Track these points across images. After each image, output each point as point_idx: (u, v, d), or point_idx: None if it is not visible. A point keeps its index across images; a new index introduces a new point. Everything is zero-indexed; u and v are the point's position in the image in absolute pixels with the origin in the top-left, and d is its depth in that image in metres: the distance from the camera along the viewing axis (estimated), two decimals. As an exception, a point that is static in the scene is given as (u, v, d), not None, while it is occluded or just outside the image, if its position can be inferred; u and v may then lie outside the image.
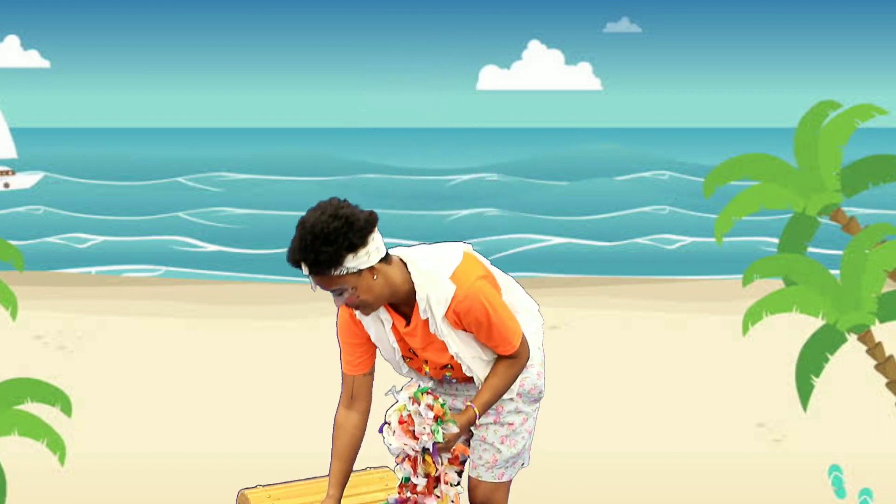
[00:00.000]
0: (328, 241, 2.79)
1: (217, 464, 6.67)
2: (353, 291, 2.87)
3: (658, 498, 6.25)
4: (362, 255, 2.83)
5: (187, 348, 10.37)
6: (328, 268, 2.82)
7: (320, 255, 2.80)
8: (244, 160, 51.30)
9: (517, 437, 3.19)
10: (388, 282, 2.90)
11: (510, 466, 3.22)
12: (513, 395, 3.16)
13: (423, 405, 2.93)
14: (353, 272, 2.84)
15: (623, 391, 8.68)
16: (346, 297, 2.88)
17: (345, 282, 2.85)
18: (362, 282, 2.86)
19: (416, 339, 3.02)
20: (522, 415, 3.18)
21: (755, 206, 6.00)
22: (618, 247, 25.83)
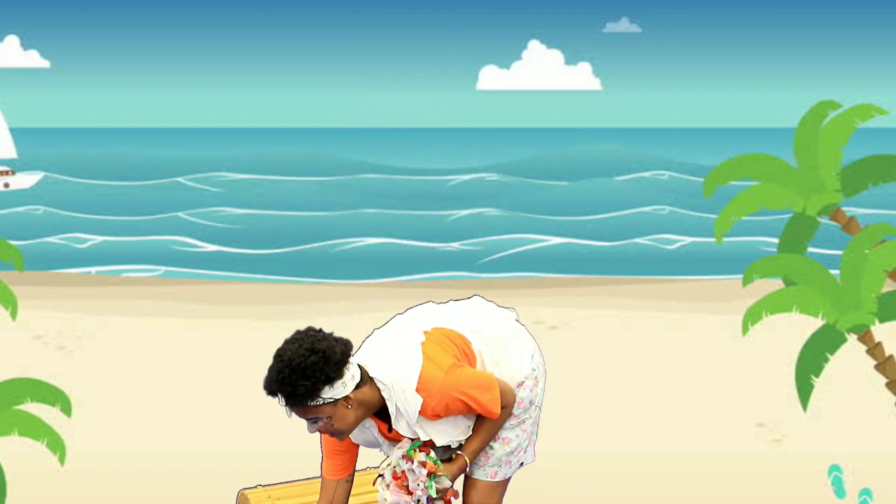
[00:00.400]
0: (305, 375, 2.90)
1: (217, 464, 6.66)
2: (327, 420, 2.98)
3: (658, 498, 6.25)
4: (338, 387, 2.94)
5: (187, 348, 10.37)
6: (305, 400, 2.93)
7: (297, 389, 2.91)
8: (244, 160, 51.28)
9: (510, 435, 3.19)
10: (363, 405, 3.02)
11: (504, 465, 3.21)
12: None
13: (416, 462, 3.01)
14: (329, 402, 2.95)
15: (623, 391, 8.68)
16: (321, 424, 2.99)
17: (320, 411, 2.96)
18: (337, 411, 2.97)
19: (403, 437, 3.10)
20: (517, 419, 3.18)
21: (755, 206, 6.01)
22: (618, 247, 25.82)
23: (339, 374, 2.94)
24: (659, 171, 45.36)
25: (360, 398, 2.99)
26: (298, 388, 2.90)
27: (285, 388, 2.91)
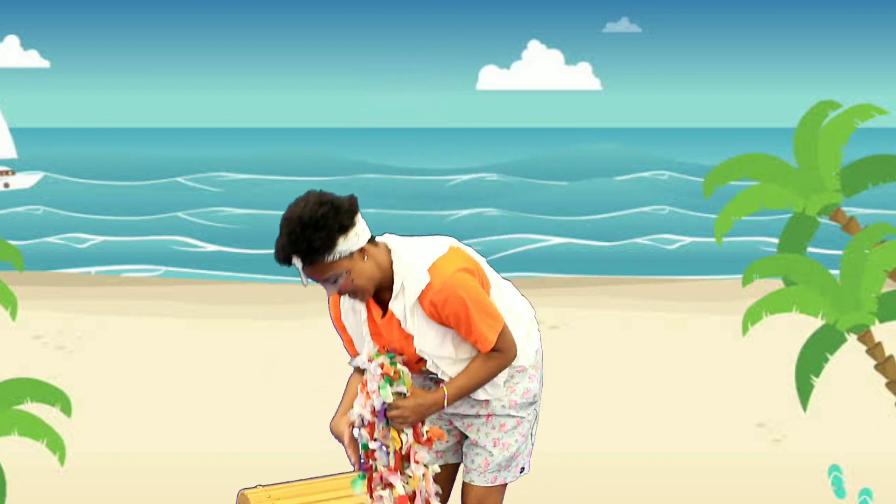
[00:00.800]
0: (318, 226, 2.80)
1: (217, 464, 6.66)
2: (347, 276, 2.85)
3: (658, 498, 6.25)
4: (352, 237, 2.84)
5: (187, 348, 10.37)
6: (322, 254, 2.81)
7: (314, 242, 2.80)
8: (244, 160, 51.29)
9: (509, 440, 3.12)
10: (377, 263, 2.90)
11: (504, 470, 3.15)
12: (504, 402, 3.09)
13: (374, 364, 2.90)
14: (346, 255, 2.84)
15: (623, 391, 8.68)
16: (341, 282, 2.87)
17: (339, 267, 2.85)
18: (355, 265, 2.86)
19: (391, 332, 2.99)
20: (515, 419, 3.11)
21: (755, 206, 6.00)
22: (617, 247, 25.82)
23: (352, 223, 2.83)
24: (659, 171, 45.38)
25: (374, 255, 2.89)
26: (314, 241, 2.79)
27: (300, 245, 2.80)
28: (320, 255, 2.82)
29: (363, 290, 2.91)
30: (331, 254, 2.83)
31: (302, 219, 2.83)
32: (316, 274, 2.87)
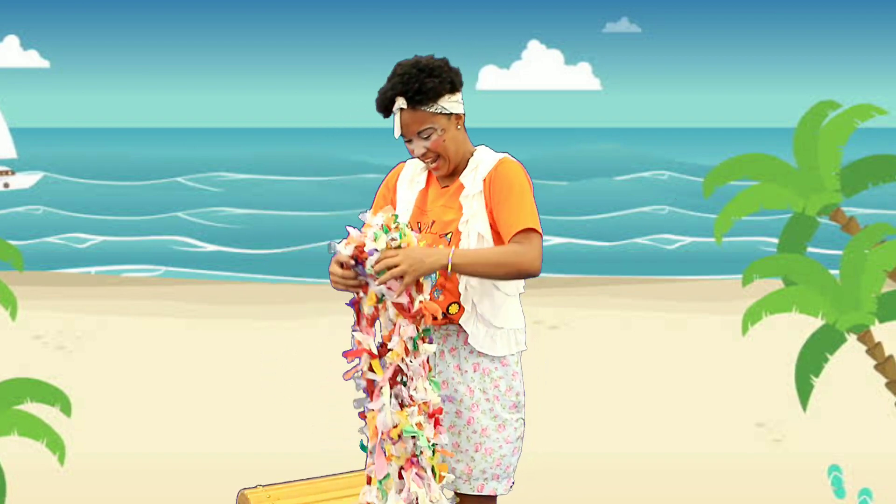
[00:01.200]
0: (432, 73, 2.88)
1: (217, 464, 6.66)
2: (440, 134, 2.91)
3: (658, 498, 6.25)
4: (456, 100, 2.92)
5: (187, 348, 10.37)
6: (428, 101, 2.89)
7: (424, 86, 2.86)
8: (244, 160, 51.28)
9: (493, 445, 2.99)
10: (466, 139, 2.98)
11: (491, 479, 3.00)
12: (488, 395, 3.00)
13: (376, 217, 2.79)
14: (446, 113, 2.91)
15: (623, 391, 8.68)
16: (434, 139, 2.91)
17: (436, 121, 2.91)
18: (451, 127, 2.93)
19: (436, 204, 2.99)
20: (498, 420, 2.99)
21: (755, 206, 6.00)
22: (617, 247, 25.82)
23: (460, 86, 2.93)
24: (659, 171, 45.38)
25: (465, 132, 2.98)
26: (426, 84, 2.85)
27: (411, 85, 2.86)
28: (428, 100, 2.88)
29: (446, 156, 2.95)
30: (436, 104, 2.89)
31: (419, 63, 2.90)
32: (413, 123, 2.91)
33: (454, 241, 2.96)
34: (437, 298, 2.96)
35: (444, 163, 2.97)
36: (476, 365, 2.99)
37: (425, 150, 2.95)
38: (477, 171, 2.98)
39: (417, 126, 2.92)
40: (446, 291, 2.97)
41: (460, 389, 2.99)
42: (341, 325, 3.26)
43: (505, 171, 2.96)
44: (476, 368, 2.99)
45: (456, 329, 3.00)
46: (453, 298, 2.97)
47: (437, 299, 2.94)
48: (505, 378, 3.01)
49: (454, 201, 2.99)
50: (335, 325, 3.23)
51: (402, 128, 2.93)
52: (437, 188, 3.04)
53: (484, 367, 2.99)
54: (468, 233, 2.93)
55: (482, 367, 2.99)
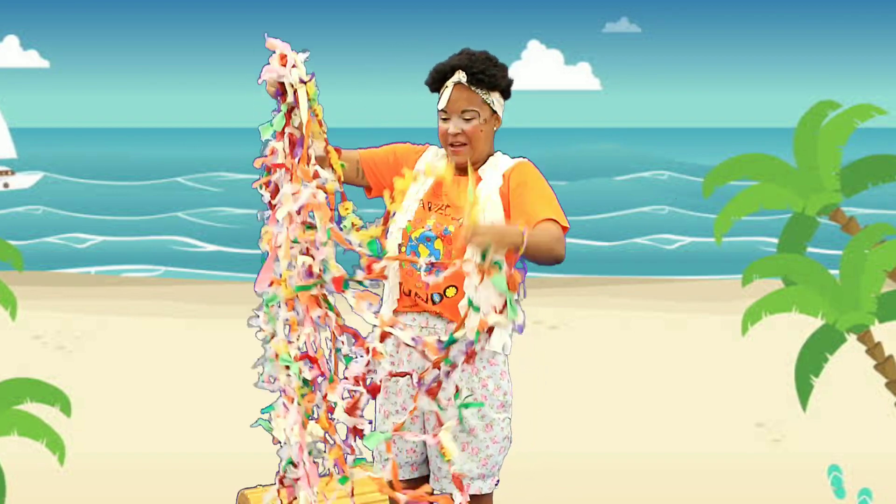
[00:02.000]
0: (497, 66, 3.00)
1: (217, 464, 6.66)
2: (480, 122, 2.98)
3: (658, 498, 6.25)
4: (503, 104, 3.04)
5: (187, 348, 10.37)
6: (485, 86, 2.97)
7: (489, 70, 2.97)
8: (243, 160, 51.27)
9: (479, 445, 2.96)
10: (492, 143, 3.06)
11: (477, 479, 2.98)
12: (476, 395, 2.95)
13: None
14: (493, 106, 2.99)
15: (622, 391, 8.68)
16: (474, 123, 2.98)
17: (483, 109, 2.99)
18: (490, 123, 3.01)
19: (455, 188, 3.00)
20: (486, 420, 2.96)
21: (754, 206, 6.01)
22: (617, 247, 25.82)
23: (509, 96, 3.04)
24: (658, 171, 45.38)
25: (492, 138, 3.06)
26: (490, 70, 2.96)
27: (476, 66, 2.96)
28: (486, 85, 2.97)
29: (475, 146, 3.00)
30: (489, 94, 2.98)
31: (488, 53, 3.01)
32: (462, 100, 2.96)
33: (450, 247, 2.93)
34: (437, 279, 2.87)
35: (468, 150, 3.00)
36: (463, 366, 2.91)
37: (459, 131, 2.98)
38: (497, 168, 3.01)
39: (465, 104, 2.96)
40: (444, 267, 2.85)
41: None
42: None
43: (527, 168, 3.02)
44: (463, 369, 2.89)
45: (444, 327, 2.96)
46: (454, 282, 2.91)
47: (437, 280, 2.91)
48: (493, 377, 2.97)
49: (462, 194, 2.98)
50: (335, 325, 3.20)
51: (450, 102, 2.97)
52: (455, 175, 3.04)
53: (471, 367, 2.94)
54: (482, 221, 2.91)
55: (469, 367, 2.94)
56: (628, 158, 51.72)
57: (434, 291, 2.95)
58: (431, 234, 2.97)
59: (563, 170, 44.56)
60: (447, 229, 2.96)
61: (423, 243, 2.97)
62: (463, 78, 2.94)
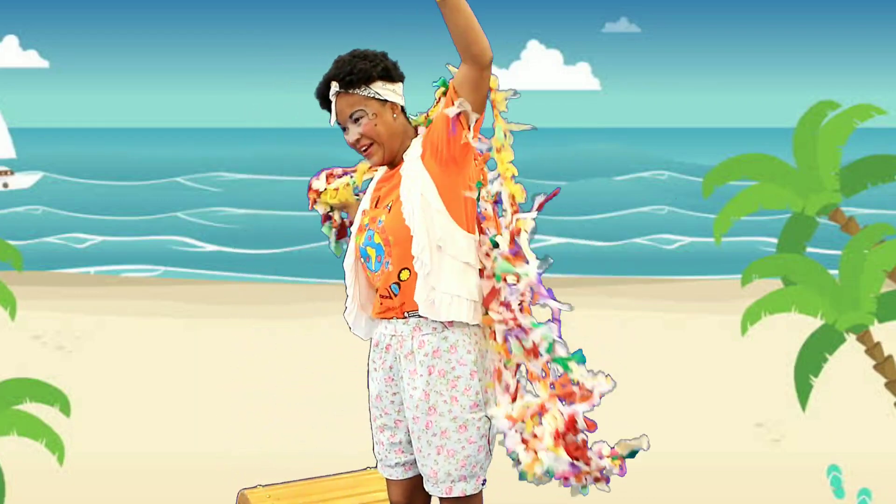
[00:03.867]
0: (366, 58, 2.94)
1: (217, 464, 6.67)
2: (372, 118, 2.93)
3: (657, 498, 6.25)
4: (391, 89, 2.95)
5: (186, 348, 10.37)
6: (359, 84, 2.92)
7: (356, 68, 2.92)
8: (243, 160, 51.28)
9: (455, 447, 2.91)
10: (404, 128, 2.98)
11: (458, 481, 2.93)
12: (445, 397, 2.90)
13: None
14: (379, 98, 2.94)
15: (621, 391, 8.66)
16: (364, 123, 2.93)
17: (368, 105, 2.94)
18: (385, 113, 2.95)
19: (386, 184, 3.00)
20: (459, 422, 2.91)
21: (754, 206, 6.01)
22: (616, 247, 25.82)
23: (396, 77, 2.97)
24: (658, 171, 45.38)
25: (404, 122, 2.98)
26: (357, 67, 2.91)
27: (343, 69, 2.93)
28: (359, 81, 2.92)
29: (380, 143, 2.95)
30: (368, 88, 2.92)
31: (355, 51, 2.97)
32: (346, 107, 2.94)
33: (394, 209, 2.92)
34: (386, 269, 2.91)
35: (378, 149, 2.96)
36: (431, 368, 2.91)
37: (359, 136, 2.95)
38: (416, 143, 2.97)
39: (350, 109, 2.93)
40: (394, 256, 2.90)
41: (415, 395, 2.92)
42: (340, 326, 3.24)
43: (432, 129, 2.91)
44: (431, 371, 2.91)
45: (410, 332, 2.94)
46: (404, 265, 2.90)
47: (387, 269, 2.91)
48: (463, 377, 2.92)
49: (395, 176, 2.99)
50: (335, 325, 3.21)
51: (338, 114, 2.95)
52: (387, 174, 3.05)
53: (440, 369, 2.91)
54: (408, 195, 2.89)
55: (437, 369, 2.91)
56: (628, 158, 51.72)
57: (391, 283, 2.95)
58: (371, 233, 2.97)
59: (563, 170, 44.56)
60: (380, 220, 2.96)
61: (368, 246, 2.98)
62: (337, 87, 2.93)
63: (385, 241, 2.91)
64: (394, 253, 2.91)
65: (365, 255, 2.97)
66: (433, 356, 2.93)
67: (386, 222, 2.93)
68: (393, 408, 3.01)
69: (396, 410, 3.01)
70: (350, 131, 2.97)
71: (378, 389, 3.03)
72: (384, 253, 2.93)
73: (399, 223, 2.89)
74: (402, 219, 2.88)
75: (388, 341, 2.98)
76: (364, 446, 3.14)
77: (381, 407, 3.03)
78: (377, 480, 3.59)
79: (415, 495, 3.08)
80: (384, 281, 2.93)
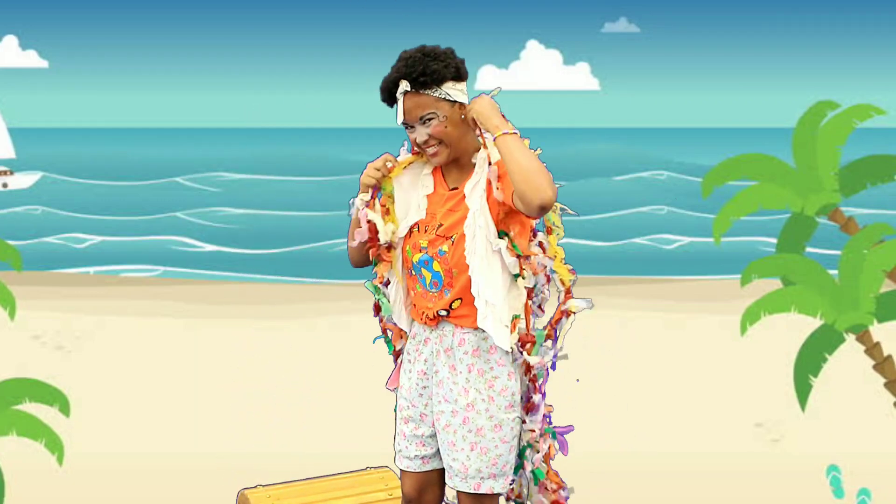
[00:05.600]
0: (437, 58, 2.87)
1: (217, 464, 6.67)
2: (442, 120, 2.89)
3: (657, 498, 6.25)
4: (461, 89, 2.91)
5: (185, 348, 10.37)
6: (431, 85, 2.87)
7: (428, 68, 2.86)
8: (242, 160, 51.27)
9: (488, 445, 2.96)
10: (470, 130, 2.94)
11: (487, 478, 2.98)
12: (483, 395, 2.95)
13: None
14: (450, 100, 2.89)
15: (621, 391, 8.69)
16: (435, 125, 2.90)
17: (439, 107, 2.89)
18: (454, 115, 2.91)
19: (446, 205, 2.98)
20: (494, 421, 2.96)
21: (753, 206, 6.01)
22: (616, 247, 25.83)
23: (465, 76, 2.92)
24: (657, 171, 45.38)
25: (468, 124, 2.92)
26: (430, 66, 2.85)
27: (415, 69, 2.86)
28: (431, 83, 2.87)
29: (449, 143, 2.92)
30: (439, 89, 2.87)
31: (423, 49, 2.90)
32: (416, 108, 2.88)
33: (458, 243, 2.92)
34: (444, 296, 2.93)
35: (444, 150, 2.92)
36: (471, 366, 2.95)
37: (427, 137, 2.91)
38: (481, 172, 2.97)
39: (420, 111, 2.88)
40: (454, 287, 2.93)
41: (455, 389, 2.96)
42: (341, 325, 3.26)
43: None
44: (471, 370, 2.95)
45: (451, 329, 2.98)
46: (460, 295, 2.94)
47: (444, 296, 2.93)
48: (500, 378, 2.97)
49: (461, 205, 2.98)
50: (335, 326, 3.22)
51: (405, 113, 2.89)
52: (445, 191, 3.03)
53: (479, 368, 2.95)
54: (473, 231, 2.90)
55: (477, 368, 2.95)
56: (627, 158, 51.72)
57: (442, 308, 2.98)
58: (429, 258, 2.96)
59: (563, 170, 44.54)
60: (441, 250, 2.97)
61: (425, 269, 2.97)
62: (407, 87, 2.87)
63: (447, 273, 2.94)
64: (454, 284, 2.94)
65: (418, 272, 2.99)
66: (473, 355, 2.97)
67: (449, 255, 2.93)
68: (421, 401, 3.03)
69: (424, 404, 3.03)
70: (418, 131, 2.92)
71: (409, 381, 3.05)
72: (443, 281, 2.96)
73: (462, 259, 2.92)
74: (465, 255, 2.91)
75: (427, 335, 3.00)
76: (364, 446, 3.15)
77: (409, 399, 3.05)
78: (377, 480, 3.59)
79: (427, 489, 3.10)
80: (437, 303, 2.97)
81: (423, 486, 3.10)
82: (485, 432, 2.97)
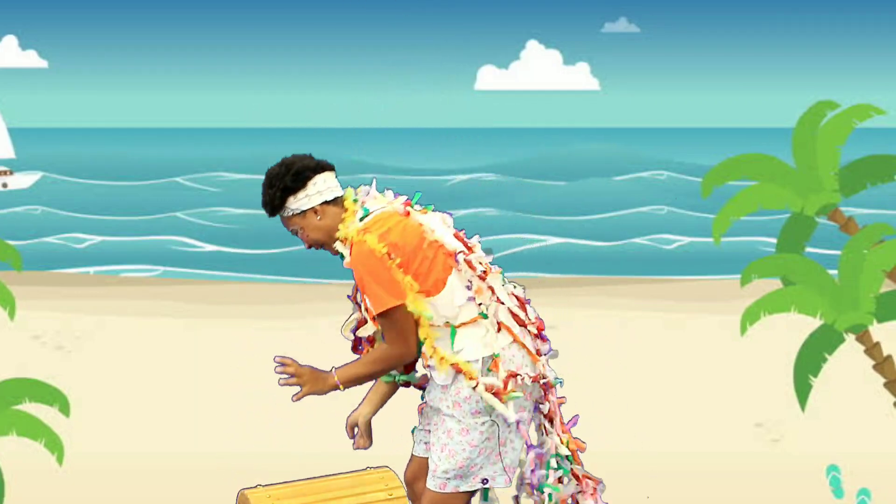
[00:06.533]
0: (270, 184, 3.19)
1: (217, 464, 6.67)
2: (301, 231, 3.21)
3: (656, 498, 6.26)
4: (301, 198, 3.16)
5: (185, 348, 10.37)
6: (275, 210, 3.20)
7: (266, 198, 3.20)
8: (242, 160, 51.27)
9: (456, 448, 3.11)
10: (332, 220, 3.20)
11: (454, 478, 3.13)
12: (448, 402, 3.14)
13: None
14: (297, 213, 3.19)
15: (621, 391, 8.69)
16: (301, 235, 3.23)
17: (292, 222, 3.21)
18: (307, 222, 3.19)
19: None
20: (462, 425, 3.11)
21: (753, 206, 6.01)
22: (616, 247, 25.83)
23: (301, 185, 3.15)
24: (657, 171, 45.39)
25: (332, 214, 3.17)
26: (266, 196, 3.19)
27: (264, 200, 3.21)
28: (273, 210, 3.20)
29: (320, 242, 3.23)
30: (284, 209, 3.19)
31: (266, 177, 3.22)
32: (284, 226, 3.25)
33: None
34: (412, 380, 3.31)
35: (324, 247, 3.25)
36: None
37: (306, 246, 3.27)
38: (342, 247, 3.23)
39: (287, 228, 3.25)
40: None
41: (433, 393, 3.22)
42: (340, 326, 3.28)
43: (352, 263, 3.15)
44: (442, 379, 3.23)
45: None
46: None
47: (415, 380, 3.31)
48: (465, 387, 3.11)
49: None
50: (335, 325, 3.25)
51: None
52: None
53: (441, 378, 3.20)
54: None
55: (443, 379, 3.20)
56: (627, 158, 51.72)
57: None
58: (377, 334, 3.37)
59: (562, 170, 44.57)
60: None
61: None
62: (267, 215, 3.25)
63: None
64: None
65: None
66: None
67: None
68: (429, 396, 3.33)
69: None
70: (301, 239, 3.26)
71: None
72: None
73: None
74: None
75: None
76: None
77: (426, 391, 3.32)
78: (377, 480, 3.59)
79: (420, 476, 3.28)
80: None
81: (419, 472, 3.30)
82: (453, 435, 3.13)
